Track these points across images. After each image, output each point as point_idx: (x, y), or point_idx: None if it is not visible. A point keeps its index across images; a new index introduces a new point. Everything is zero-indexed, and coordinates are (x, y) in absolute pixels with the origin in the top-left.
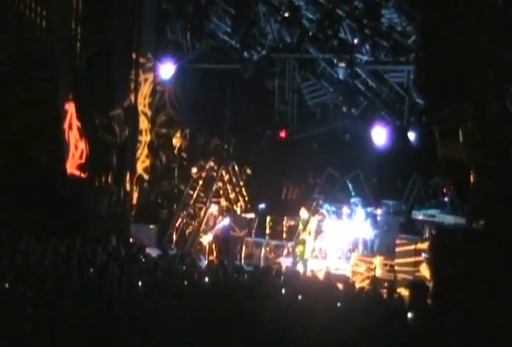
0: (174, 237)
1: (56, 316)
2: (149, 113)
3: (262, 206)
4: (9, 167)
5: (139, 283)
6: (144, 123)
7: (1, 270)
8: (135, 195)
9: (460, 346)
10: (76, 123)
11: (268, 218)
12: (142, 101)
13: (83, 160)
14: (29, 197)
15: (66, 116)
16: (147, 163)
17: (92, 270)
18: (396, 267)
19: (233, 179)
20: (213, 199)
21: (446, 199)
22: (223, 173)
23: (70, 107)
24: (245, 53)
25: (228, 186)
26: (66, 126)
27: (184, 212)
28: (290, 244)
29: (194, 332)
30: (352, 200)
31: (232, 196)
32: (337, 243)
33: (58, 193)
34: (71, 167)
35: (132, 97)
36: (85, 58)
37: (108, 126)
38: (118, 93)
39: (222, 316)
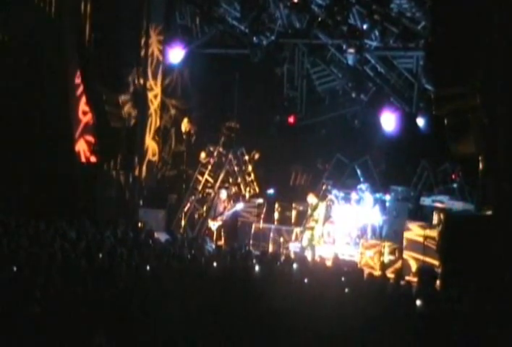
0: (183, 222)
1: (65, 300)
2: (158, 97)
3: (270, 191)
4: (18, 152)
5: (148, 267)
6: (152, 108)
7: (9, 255)
8: (144, 180)
9: (469, 333)
10: (85, 108)
11: (277, 204)
12: (151, 86)
13: (92, 145)
14: (38, 182)
15: (76, 101)
16: (156, 147)
17: (100, 254)
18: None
19: (242, 165)
20: (222, 185)
21: (455, 185)
22: (232, 158)
23: (80, 91)
24: (254, 39)
25: (237, 172)
26: (76, 111)
27: (193, 197)
28: (298, 230)
29: (200, 317)
30: (360, 186)
31: (241, 181)
32: (345, 229)
33: (68, 177)
34: (81, 152)
35: (141, 82)
36: (94, 42)
37: (117, 111)
38: (127, 78)
39: (229, 301)
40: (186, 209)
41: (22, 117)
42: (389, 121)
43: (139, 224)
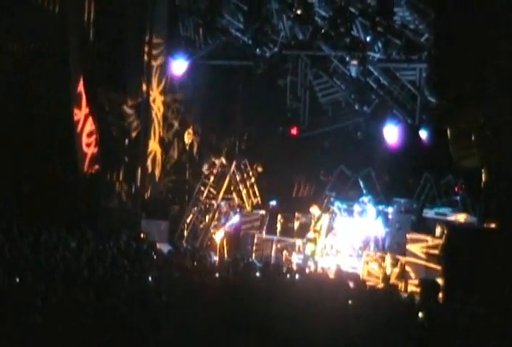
0: (185, 233)
1: (66, 309)
2: (161, 108)
3: (273, 203)
4: (20, 161)
5: (150, 278)
6: (156, 119)
7: (11, 263)
8: (146, 191)
9: (472, 344)
10: (88, 117)
11: (279, 215)
12: (154, 97)
13: (95, 155)
14: (40, 191)
15: (79, 109)
16: (159, 158)
17: (102, 265)
18: (407, 265)
19: (245, 176)
20: (224, 196)
21: (458, 197)
22: (235, 169)
23: (83, 101)
24: (257, 50)
25: (239, 183)
26: (78, 119)
27: (195, 208)
28: (301, 241)
29: (204, 327)
30: (363, 198)
31: (243, 192)
32: (348, 240)
33: (70, 187)
34: (84, 162)
35: (144, 93)
36: (97, 53)
37: (120, 121)
38: (130, 89)
39: (232, 312)
40: (188, 220)
41: (24, 127)
42: (392, 133)
43: (142, 235)
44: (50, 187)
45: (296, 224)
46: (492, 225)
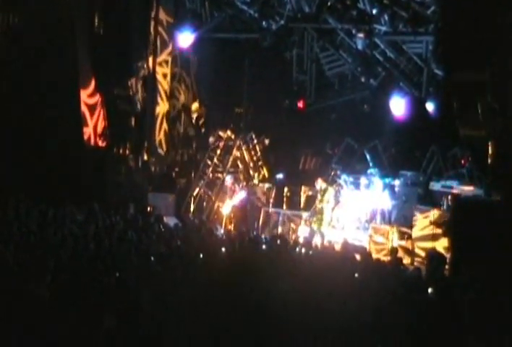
0: (192, 206)
1: (75, 283)
2: (167, 82)
3: (279, 176)
4: (28, 136)
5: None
6: (162, 92)
7: (19, 239)
8: (153, 164)
9: (478, 318)
10: (95, 93)
11: (286, 188)
12: (160, 70)
13: (102, 129)
14: (47, 166)
15: (85, 84)
16: (165, 132)
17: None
18: (414, 238)
19: (251, 149)
20: (231, 169)
21: (464, 170)
22: (241, 142)
23: (89, 74)
24: (264, 23)
25: (246, 156)
26: (85, 95)
27: (202, 182)
28: (307, 215)
29: (209, 301)
30: (370, 170)
31: (250, 166)
32: (355, 213)
33: (77, 161)
34: (91, 136)
35: (151, 66)
36: (104, 26)
37: (126, 95)
38: (136, 62)
39: (238, 287)
40: (195, 193)
41: (32, 101)
42: (398, 105)
43: (149, 208)
44: (58, 162)
45: (303, 197)
46: (499, 197)
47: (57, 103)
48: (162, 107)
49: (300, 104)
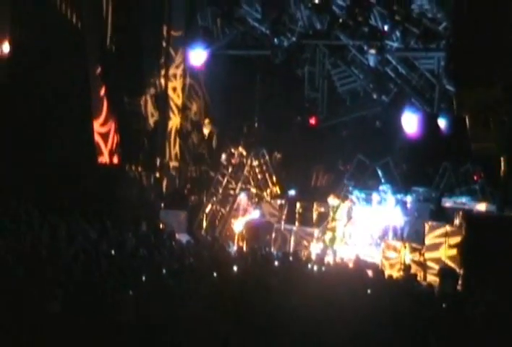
0: (204, 223)
1: (85, 299)
2: (179, 99)
3: (291, 192)
4: (41, 154)
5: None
6: (173, 107)
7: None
8: (165, 181)
9: (490, 333)
10: (107, 110)
11: (298, 205)
12: (170, 84)
13: (114, 147)
14: (60, 182)
15: (98, 102)
16: (177, 149)
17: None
18: (426, 254)
19: (263, 166)
20: (243, 186)
21: (477, 186)
22: (253, 159)
23: (101, 93)
24: (275, 40)
25: (258, 173)
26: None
27: (214, 199)
28: (320, 231)
29: (221, 316)
30: (382, 187)
31: (262, 182)
32: (367, 230)
33: (90, 178)
34: (103, 153)
35: (163, 84)
36: (115, 44)
37: (138, 112)
38: (148, 79)
39: (250, 303)
40: (207, 210)
41: (44, 118)
42: (410, 121)
43: (161, 225)
44: (71, 180)
45: (315, 214)
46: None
47: (70, 120)
48: (174, 121)
49: (312, 120)
